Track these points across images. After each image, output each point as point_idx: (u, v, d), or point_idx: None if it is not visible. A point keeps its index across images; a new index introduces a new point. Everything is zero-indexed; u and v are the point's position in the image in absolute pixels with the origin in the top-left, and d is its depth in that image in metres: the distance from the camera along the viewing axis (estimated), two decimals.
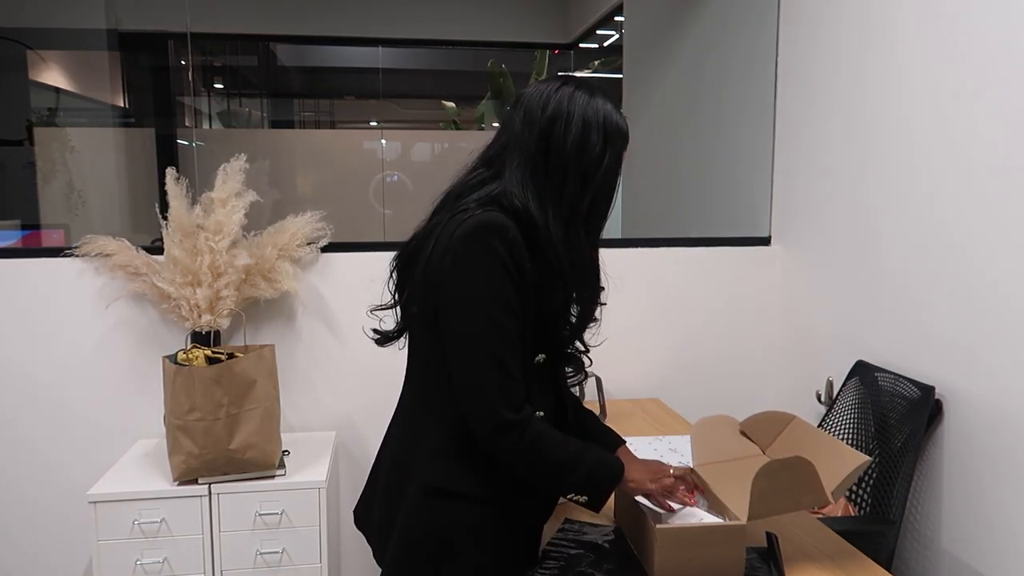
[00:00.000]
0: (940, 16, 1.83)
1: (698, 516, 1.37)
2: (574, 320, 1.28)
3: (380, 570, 1.32)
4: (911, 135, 1.94)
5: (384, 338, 1.35)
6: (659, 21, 3.72)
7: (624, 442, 1.47)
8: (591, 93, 1.22)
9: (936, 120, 1.85)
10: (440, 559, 1.21)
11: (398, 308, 1.33)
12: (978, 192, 1.72)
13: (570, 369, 1.33)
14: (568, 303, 1.25)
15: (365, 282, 2.31)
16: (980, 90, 1.71)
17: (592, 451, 1.25)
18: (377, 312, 1.35)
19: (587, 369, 1.37)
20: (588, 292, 1.25)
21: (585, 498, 1.23)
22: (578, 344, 1.32)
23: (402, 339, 1.34)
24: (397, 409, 1.35)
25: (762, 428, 1.58)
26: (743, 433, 1.60)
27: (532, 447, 1.16)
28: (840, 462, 1.37)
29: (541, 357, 1.24)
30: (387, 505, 1.29)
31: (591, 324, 1.30)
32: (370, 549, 1.38)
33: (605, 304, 1.31)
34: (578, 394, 2.33)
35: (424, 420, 1.24)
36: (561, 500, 1.34)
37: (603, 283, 1.31)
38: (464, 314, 1.13)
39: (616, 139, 1.22)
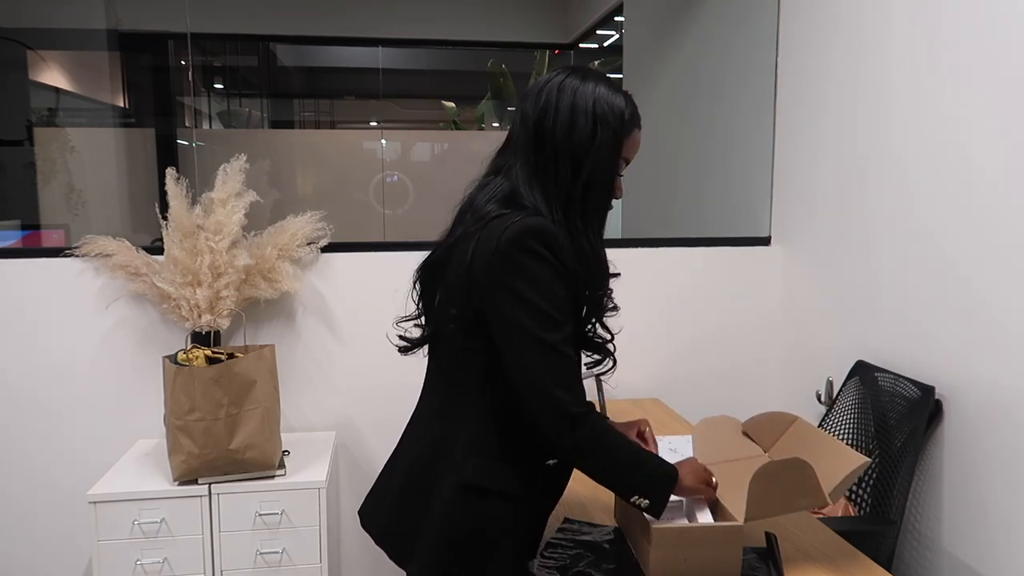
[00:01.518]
0: (938, 17, 1.83)
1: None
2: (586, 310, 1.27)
3: (381, 571, 1.31)
4: (910, 136, 1.94)
5: (407, 347, 1.35)
6: (659, 21, 3.72)
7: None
8: (583, 78, 1.22)
9: (934, 121, 1.85)
10: (483, 558, 1.21)
11: (423, 316, 1.33)
12: (978, 193, 1.72)
13: (597, 357, 1.31)
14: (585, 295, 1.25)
15: (365, 282, 2.33)
16: (976, 91, 1.71)
17: (647, 451, 1.26)
18: (403, 323, 1.35)
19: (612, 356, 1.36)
20: (592, 281, 1.23)
21: (647, 502, 1.23)
22: (603, 333, 1.31)
23: (423, 347, 1.35)
24: (419, 412, 1.34)
25: (764, 429, 1.58)
26: (745, 434, 1.60)
27: (602, 439, 1.17)
28: (840, 463, 1.37)
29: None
30: (411, 503, 1.27)
31: (609, 313, 1.29)
32: (374, 550, 1.36)
33: (612, 291, 1.29)
34: None
35: (459, 420, 1.24)
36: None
37: (613, 269, 1.30)
38: (523, 313, 1.13)
39: (610, 119, 1.20)
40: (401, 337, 1.35)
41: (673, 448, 1.94)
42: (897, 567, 1.92)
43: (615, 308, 1.30)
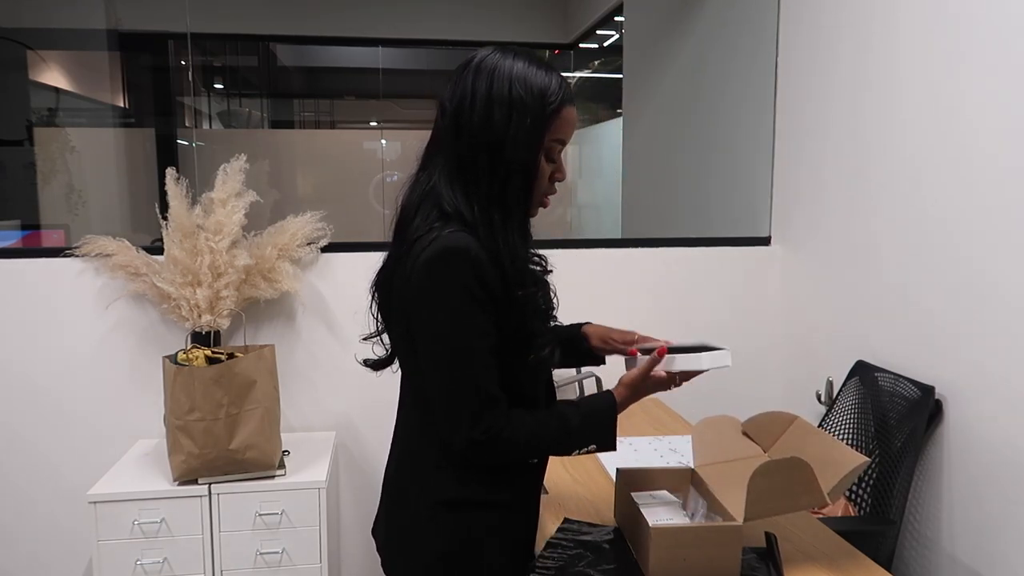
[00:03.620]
0: (939, 17, 1.83)
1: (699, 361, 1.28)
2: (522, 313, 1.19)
3: (380, 571, 1.31)
4: (911, 135, 1.94)
5: (377, 365, 1.33)
6: (659, 21, 3.72)
7: (580, 327, 1.44)
8: (501, 56, 1.14)
9: (935, 120, 1.85)
10: (473, 568, 1.21)
11: (383, 333, 1.31)
12: (977, 192, 1.72)
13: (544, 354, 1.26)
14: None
15: (366, 282, 2.32)
16: (979, 90, 1.71)
17: (573, 408, 1.21)
18: (367, 340, 1.33)
19: (586, 369, 1.34)
20: (514, 282, 1.14)
21: (593, 446, 1.20)
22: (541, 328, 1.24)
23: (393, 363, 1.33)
24: (397, 424, 1.33)
25: (764, 428, 1.58)
26: (745, 434, 1.60)
27: (509, 449, 1.15)
28: (839, 462, 1.37)
29: (533, 357, 1.21)
30: (394, 517, 1.28)
31: (550, 311, 1.24)
32: (373, 550, 1.37)
33: (547, 284, 1.25)
34: (577, 393, 2.34)
35: (427, 435, 1.23)
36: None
37: (548, 266, 1.26)
38: (431, 343, 1.12)
39: (528, 102, 1.11)
40: (366, 361, 1.33)
41: (673, 448, 1.94)
42: (897, 567, 1.92)
43: (548, 308, 1.24)
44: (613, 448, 1.21)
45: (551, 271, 1.27)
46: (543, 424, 1.19)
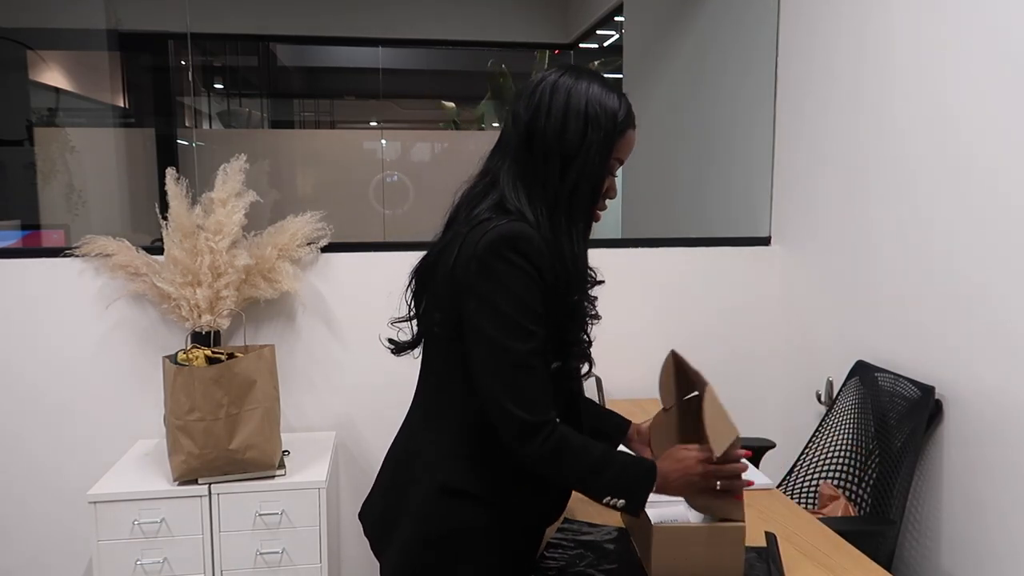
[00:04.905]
0: (939, 18, 1.83)
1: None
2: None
3: (379, 568, 1.32)
4: (910, 136, 1.94)
5: (400, 347, 1.35)
6: (659, 21, 3.72)
7: (629, 423, 1.51)
8: (576, 77, 1.21)
9: (934, 121, 1.85)
10: (453, 558, 1.21)
11: (414, 318, 1.33)
12: (976, 193, 1.72)
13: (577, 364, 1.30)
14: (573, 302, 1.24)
15: (365, 282, 2.33)
16: (978, 92, 1.71)
17: (621, 454, 1.24)
18: (397, 323, 1.35)
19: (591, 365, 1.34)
20: (570, 284, 1.21)
21: (622, 502, 1.20)
22: (583, 337, 1.29)
23: (416, 348, 1.35)
24: (410, 412, 1.35)
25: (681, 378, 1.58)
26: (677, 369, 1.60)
27: (557, 450, 1.15)
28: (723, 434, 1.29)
29: (556, 364, 1.23)
30: (393, 498, 1.29)
31: (591, 320, 1.28)
32: (371, 552, 1.37)
33: (595, 298, 1.29)
34: None
35: (440, 422, 1.25)
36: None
37: (599, 276, 1.30)
38: (489, 321, 1.13)
39: (602, 120, 1.19)
40: (391, 340, 1.35)
41: None
42: (897, 567, 1.93)
43: (596, 317, 1.29)
44: (635, 513, 1.22)
45: (601, 282, 1.32)
46: (591, 445, 1.19)
